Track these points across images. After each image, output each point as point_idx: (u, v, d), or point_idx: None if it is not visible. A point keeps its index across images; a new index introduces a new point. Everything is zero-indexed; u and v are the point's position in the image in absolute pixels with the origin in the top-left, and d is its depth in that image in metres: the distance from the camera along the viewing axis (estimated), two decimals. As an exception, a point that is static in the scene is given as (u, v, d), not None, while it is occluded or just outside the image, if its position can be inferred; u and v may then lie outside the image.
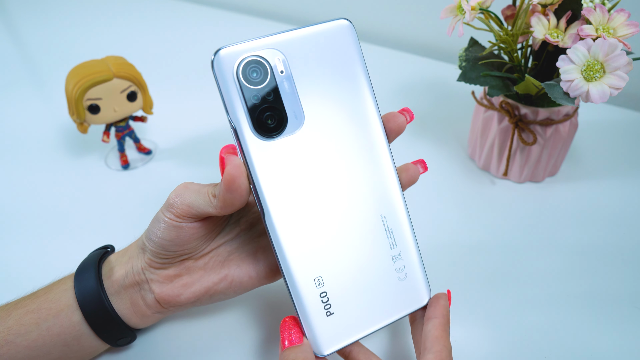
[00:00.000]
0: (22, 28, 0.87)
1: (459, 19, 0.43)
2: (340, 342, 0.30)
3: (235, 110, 0.26)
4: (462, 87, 0.63)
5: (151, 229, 0.31)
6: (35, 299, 0.32)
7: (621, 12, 0.39)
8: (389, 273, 0.31)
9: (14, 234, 0.46)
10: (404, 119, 0.31)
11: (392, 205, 0.31)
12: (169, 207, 0.30)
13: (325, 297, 0.29)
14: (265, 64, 0.27)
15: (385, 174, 0.30)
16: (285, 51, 0.27)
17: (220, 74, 0.26)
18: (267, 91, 0.27)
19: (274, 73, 0.27)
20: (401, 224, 0.31)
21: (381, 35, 0.82)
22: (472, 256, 0.43)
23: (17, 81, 0.71)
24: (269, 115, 0.27)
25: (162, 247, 0.31)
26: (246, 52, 0.26)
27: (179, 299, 0.32)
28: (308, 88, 0.28)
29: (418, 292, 0.32)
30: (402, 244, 0.31)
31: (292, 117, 0.27)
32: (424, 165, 0.33)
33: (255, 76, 0.26)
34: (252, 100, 0.26)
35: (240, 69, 0.26)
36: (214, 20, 0.87)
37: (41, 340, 0.31)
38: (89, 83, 0.46)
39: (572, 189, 0.50)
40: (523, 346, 0.36)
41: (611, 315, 0.38)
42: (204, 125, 0.60)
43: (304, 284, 0.29)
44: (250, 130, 0.27)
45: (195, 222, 0.31)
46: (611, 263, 0.43)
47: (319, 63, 0.28)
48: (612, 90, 0.37)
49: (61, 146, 0.57)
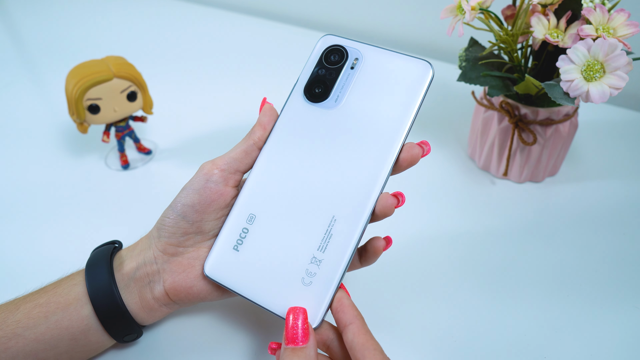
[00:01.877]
0: (22, 28, 0.87)
1: (459, 19, 0.43)
2: (223, 278, 0.31)
3: (306, 71, 0.34)
4: (462, 87, 0.63)
5: (174, 200, 0.33)
6: (43, 293, 0.32)
7: (621, 12, 0.39)
8: (299, 267, 0.30)
9: (14, 233, 0.46)
10: (420, 151, 0.31)
11: (349, 221, 0.30)
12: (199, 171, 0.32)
13: (245, 233, 0.32)
14: (345, 55, 0.33)
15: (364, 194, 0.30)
16: (364, 56, 0.33)
17: (317, 49, 0.34)
18: (331, 70, 0.33)
19: (345, 64, 0.33)
20: (343, 241, 0.30)
21: (381, 35, 0.82)
22: (472, 256, 0.43)
23: (17, 81, 0.71)
24: (318, 85, 0.33)
25: (183, 215, 0.32)
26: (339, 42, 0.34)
27: (191, 290, 0.32)
28: (361, 89, 0.32)
29: (310, 310, 0.30)
30: (330, 257, 0.30)
31: (333, 97, 0.33)
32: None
33: (332, 59, 0.33)
34: (318, 70, 0.34)
35: (327, 50, 0.34)
36: (214, 20, 0.87)
37: (49, 334, 0.31)
38: (89, 83, 0.46)
39: (572, 189, 0.50)
40: (523, 346, 0.36)
41: (611, 315, 0.38)
42: (204, 125, 0.60)
43: (241, 209, 0.32)
44: (302, 88, 0.34)
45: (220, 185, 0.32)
46: (611, 263, 0.43)
47: (384, 79, 0.32)
48: (612, 90, 0.37)
49: (61, 146, 0.57)
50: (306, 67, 0.34)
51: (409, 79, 0.32)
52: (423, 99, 0.31)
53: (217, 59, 0.75)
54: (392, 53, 0.33)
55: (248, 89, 0.68)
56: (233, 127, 0.60)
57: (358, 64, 0.33)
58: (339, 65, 0.33)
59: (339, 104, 0.32)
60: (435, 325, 0.38)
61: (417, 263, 0.43)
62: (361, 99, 0.32)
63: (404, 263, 0.42)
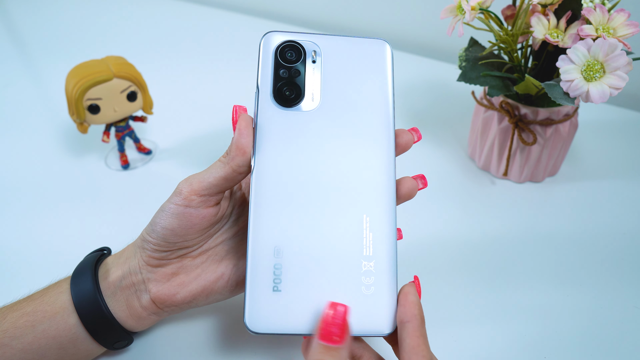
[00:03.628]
0: (22, 27, 0.87)
1: (459, 19, 0.43)
2: (277, 327, 0.27)
3: (265, 76, 0.31)
4: (462, 87, 0.63)
5: (154, 220, 0.31)
6: (30, 301, 0.32)
7: (621, 12, 0.39)
8: (354, 277, 0.28)
9: (14, 233, 0.46)
10: (411, 137, 0.31)
11: (380, 211, 0.29)
12: (177, 193, 0.31)
13: (279, 269, 0.28)
14: (301, 50, 0.31)
15: (382, 181, 0.30)
16: (320, 46, 0.31)
17: (264, 49, 0.31)
18: (294, 69, 0.31)
19: (305, 58, 0.31)
20: (384, 234, 0.29)
21: (381, 35, 0.82)
22: (472, 256, 0.43)
23: (17, 81, 0.71)
24: (288, 87, 0.30)
25: (163, 238, 0.31)
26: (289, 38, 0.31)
27: (175, 298, 0.32)
28: (332, 81, 0.31)
29: (380, 317, 0.28)
30: (378, 255, 0.29)
31: (309, 96, 0.30)
32: (423, 181, 0.32)
33: (290, 57, 0.31)
34: (279, 72, 0.31)
35: (279, 48, 0.31)
36: (214, 20, 0.87)
37: (37, 343, 0.30)
38: (89, 83, 0.46)
39: (572, 189, 0.50)
40: (523, 346, 0.36)
41: (611, 315, 0.38)
42: (204, 125, 0.60)
43: (261, 246, 0.28)
44: (269, 94, 0.30)
45: (201, 208, 0.31)
46: (611, 263, 0.43)
47: (348, 66, 0.31)
48: (612, 90, 0.37)
49: (61, 146, 0.57)
50: (262, 70, 0.31)
51: (373, 60, 0.31)
52: (393, 77, 0.31)
53: (218, 59, 0.75)
54: (344, 38, 0.32)
55: (248, 89, 0.68)
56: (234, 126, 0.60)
57: (318, 56, 0.31)
58: (300, 62, 0.31)
59: (316, 102, 0.30)
60: (435, 325, 0.38)
61: (417, 263, 0.43)
62: (336, 91, 0.31)
63: (404, 263, 0.42)
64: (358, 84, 0.31)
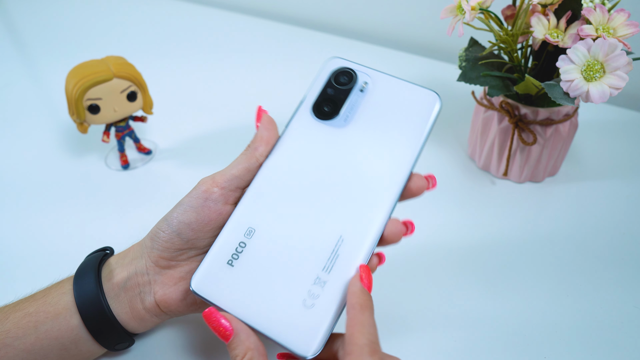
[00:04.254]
0: (22, 28, 0.87)
1: (459, 19, 0.43)
2: (213, 295, 0.29)
3: (313, 91, 0.33)
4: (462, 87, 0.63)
5: (170, 214, 0.32)
6: (33, 301, 0.32)
7: (621, 12, 0.39)
8: (302, 286, 0.28)
9: (14, 233, 0.46)
10: (426, 184, 0.31)
11: (358, 241, 0.29)
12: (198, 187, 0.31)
13: (242, 248, 0.30)
14: (353, 77, 0.33)
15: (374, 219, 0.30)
16: (373, 80, 0.33)
17: (324, 70, 0.34)
18: (341, 91, 0.33)
19: (355, 85, 0.33)
20: (352, 263, 0.29)
21: (381, 35, 0.82)
22: (472, 256, 0.43)
23: (17, 81, 0.71)
24: (327, 104, 0.33)
25: (178, 232, 0.31)
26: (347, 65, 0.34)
27: (180, 303, 0.32)
28: (370, 112, 0.32)
29: (308, 335, 0.27)
30: (335, 278, 0.28)
31: (342, 116, 0.32)
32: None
33: (342, 80, 0.33)
34: (327, 90, 0.33)
35: (336, 71, 0.34)
36: (214, 20, 0.87)
37: (39, 344, 0.30)
38: (89, 83, 0.46)
39: (572, 189, 0.50)
40: (523, 346, 0.36)
41: (611, 315, 0.38)
42: (204, 125, 0.60)
43: (238, 223, 0.30)
44: (310, 105, 0.33)
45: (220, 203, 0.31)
46: (611, 263, 0.43)
47: (393, 105, 0.32)
48: (612, 90, 0.37)
49: (61, 146, 0.57)
50: (314, 85, 0.34)
51: (418, 108, 0.32)
52: (431, 129, 0.32)
53: (218, 59, 0.75)
54: (400, 81, 0.33)
55: (248, 89, 0.68)
56: (233, 127, 0.60)
57: (367, 87, 0.33)
58: (348, 87, 0.33)
59: (348, 124, 0.32)
60: (435, 325, 0.38)
61: (417, 263, 0.43)
62: (370, 121, 0.32)
63: (404, 263, 0.42)
64: (393, 122, 0.32)
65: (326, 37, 0.80)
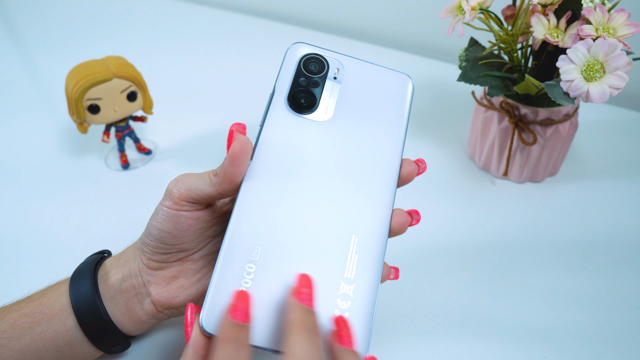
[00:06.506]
0: (22, 27, 0.87)
1: (459, 19, 0.43)
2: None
3: (283, 81, 0.31)
4: (462, 87, 0.63)
5: (150, 222, 0.31)
6: (29, 302, 0.32)
7: (621, 12, 0.39)
8: (330, 298, 0.26)
9: (13, 232, 0.46)
10: (416, 168, 0.31)
11: (371, 236, 0.28)
12: (168, 196, 0.30)
13: (251, 272, 0.26)
14: (324, 64, 0.32)
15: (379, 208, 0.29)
16: (344, 66, 0.32)
17: (289, 57, 0.31)
18: (314, 80, 0.31)
19: (327, 73, 0.31)
20: (370, 258, 0.27)
21: (381, 35, 0.82)
22: (472, 256, 0.43)
23: (17, 81, 0.71)
24: (304, 95, 0.31)
25: (160, 239, 0.31)
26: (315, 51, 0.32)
27: (174, 301, 0.32)
28: (348, 101, 0.31)
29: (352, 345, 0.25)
30: (360, 280, 0.27)
31: (322, 108, 0.31)
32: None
33: (313, 68, 0.31)
34: (299, 80, 0.31)
35: (304, 59, 0.32)
36: (214, 20, 0.87)
37: (34, 345, 0.30)
38: (89, 83, 0.46)
39: (572, 189, 0.50)
40: (523, 346, 0.36)
41: (611, 315, 0.38)
42: (204, 125, 0.60)
43: (240, 242, 0.26)
44: (285, 98, 0.30)
45: (194, 211, 0.30)
46: (611, 263, 0.43)
47: (368, 92, 0.32)
48: (612, 90, 0.37)
49: (61, 146, 0.57)
50: (282, 75, 0.31)
51: (394, 93, 0.32)
52: (410, 113, 0.32)
53: (217, 59, 0.75)
54: (370, 65, 0.32)
55: (248, 88, 0.68)
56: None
57: (340, 74, 0.31)
58: (321, 75, 0.31)
59: (329, 116, 0.30)
60: (435, 325, 0.38)
61: (417, 263, 0.43)
62: (350, 110, 0.31)
63: (404, 263, 0.42)
64: (373, 109, 0.31)
65: (327, 37, 0.80)
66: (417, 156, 0.54)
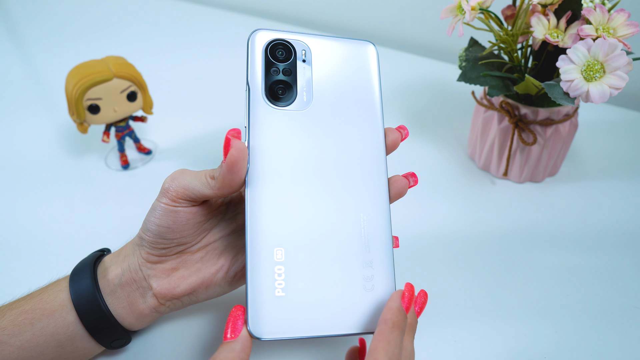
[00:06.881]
0: (22, 27, 0.87)
1: (459, 19, 0.43)
2: (283, 332, 0.27)
3: (255, 74, 0.30)
4: (462, 87, 0.63)
5: (148, 218, 0.31)
6: (29, 299, 0.32)
7: (621, 12, 0.39)
8: (355, 276, 0.29)
9: (13, 232, 0.46)
10: (399, 135, 0.32)
11: (375, 210, 0.30)
12: (165, 192, 0.31)
13: (281, 273, 0.28)
14: (291, 49, 0.31)
15: (376, 180, 0.31)
16: (310, 47, 0.32)
17: (253, 47, 0.31)
18: (285, 68, 0.31)
19: (296, 58, 0.31)
20: (380, 232, 0.30)
21: (381, 35, 0.82)
22: (472, 256, 0.43)
23: (17, 81, 0.71)
24: (281, 86, 0.31)
25: (159, 235, 0.31)
26: (278, 37, 0.31)
27: (175, 291, 0.32)
28: (323, 81, 0.31)
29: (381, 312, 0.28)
30: (376, 253, 0.29)
31: (301, 96, 0.31)
32: (414, 179, 0.33)
33: (280, 55, 0.31)
34: (270, 70, 0.31)
35: (269, 46, 0.31)
36: (214, 20, 0.87)
37: (35, 341, 0.30)
38: (89, 83, 0.46)
39: (572, 189, 0.50)
40: (522, 346, 0.36)
41: (611, 315, 0.38)
42: (204, 125, 0.60)
43: (261, 249, 0.28)
44: (262, 92, 0.30)
45: (191, 207, 0.31)
46: (611, 263, 0.43)
47: (337, 67, 0.32)
48: (612, 90, 0.37)
49: (61, 146, 0.57)
50: (251, 69, 0.30)
51: (360, 61, 0.32)
52: (380, 77, 0.32)
53: (217, 59, 0.75)
54: (331, 38, 0.32)
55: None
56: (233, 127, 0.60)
57: (308, 56, 0.31)
58: (291, 61, 0.31)
59: (309, 102, 0.31)
60: (435, 324, 0.38)
61: (417, 263, 0.43)
62: (327, 91, 0.31)
63: (404, 263, 0.42)
64: (347, 84, 0.32)
65: (326, 37, 0.80)
66: (418, 156, 0.55)
